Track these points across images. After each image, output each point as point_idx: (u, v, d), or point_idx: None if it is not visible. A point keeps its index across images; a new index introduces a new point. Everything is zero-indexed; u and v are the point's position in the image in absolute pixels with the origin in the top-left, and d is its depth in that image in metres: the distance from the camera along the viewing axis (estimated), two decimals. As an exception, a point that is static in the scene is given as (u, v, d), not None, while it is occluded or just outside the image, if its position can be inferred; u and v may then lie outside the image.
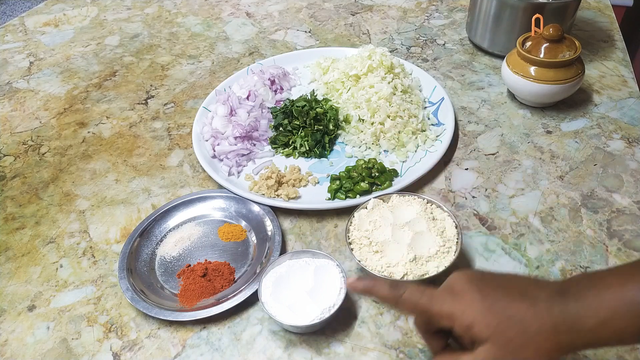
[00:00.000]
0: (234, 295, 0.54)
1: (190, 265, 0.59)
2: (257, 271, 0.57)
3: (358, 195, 0.64)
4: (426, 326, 0.41)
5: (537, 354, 0.34)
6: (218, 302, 0.54)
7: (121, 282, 0.56)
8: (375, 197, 0.60)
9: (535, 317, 0.34)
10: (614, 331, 0.33)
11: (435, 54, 0.95)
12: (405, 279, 0.52)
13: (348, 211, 0.62)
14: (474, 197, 0.66)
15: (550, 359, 0.35)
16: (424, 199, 0.59)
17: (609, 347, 0.40)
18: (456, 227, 0.56)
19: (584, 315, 0.33)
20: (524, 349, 0.34)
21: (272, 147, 0.76)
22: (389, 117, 0.74)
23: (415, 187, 0.67)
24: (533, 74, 0.74)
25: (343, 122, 0.77)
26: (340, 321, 0.53)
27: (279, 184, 0.67)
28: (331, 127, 0.75)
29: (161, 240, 0.62)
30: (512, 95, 0.82)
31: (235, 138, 0.74)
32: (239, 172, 0.71)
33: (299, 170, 0.71)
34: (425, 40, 1.00)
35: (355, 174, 0.66)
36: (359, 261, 0.53)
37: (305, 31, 1.06)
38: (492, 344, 0.35)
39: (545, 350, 0.34)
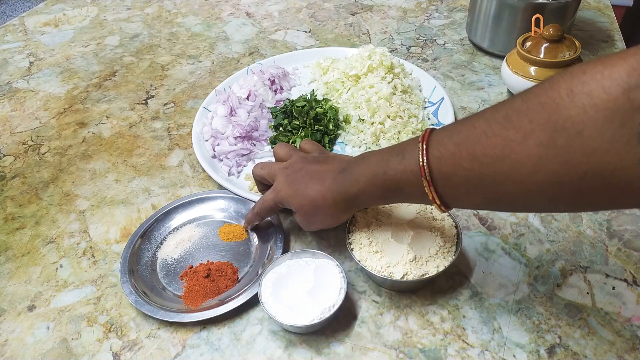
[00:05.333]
0: (239, 295, 0.54)
1: (192, 267, 0.59)
2: (260, 271, 0.57)
3: (358, 195, 0.64)
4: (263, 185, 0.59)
5: (327, 217, 0.51)
6: (223, 302, 0.54)
7: (124, 285, 0.56)
8: (375, 197, 0.60)
9: (322, 196, 0.49)
10: (369, 195, 0.47)
11: (435, 54, 0.95)
12: (405, 279, 0.52)
13: (348, 211, 0.62)
14: (474, 197, 0.66)
15: (337, 219, 0.52)
16: (424, 199, 0.59)
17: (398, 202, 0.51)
18: (456, 227, 0.56)
19: (350, 187, 0.48)
20: (318, 215, 0.51)
21: (272, 147, 0.76)
22: (389, 117, 0.74)
23: (415, 187, 0.67)
24: (533, 74, 0.74)
25: (343, 122, 0.77)
26: (340, 321, 0.53)
27: (279, 184, 0.67)
28: (331, 127, 0.75)
29: (161, 243, 0.62)
30: (512, 95, 0.82)
31: (235, 138, 0.74)
32: (239, 172, 0.71)
33: (299, 170, 0.70)
34: (425, 40, 1.00)
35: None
36: (359, 261, 0.53)
37: (305, 31, 1.06)
38: (299, 214, 0.52)
39: (331, 214, 0.51)
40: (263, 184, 0.58)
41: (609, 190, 0.33)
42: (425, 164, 0.41)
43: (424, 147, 0.41)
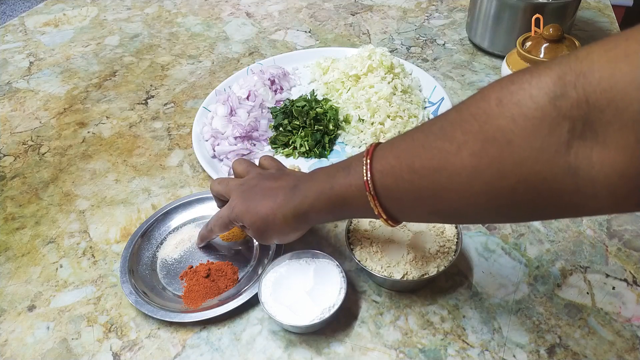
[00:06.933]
0: (239, 295, 0.54)
1: (192, 267, 0.59)
2: (260, 271, 0.57)
3: (358, 195, 0.64)
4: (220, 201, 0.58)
5: (279, 234, 0.50)
6: (223, 302, 0.54)
7: (124, 285, 0.56)
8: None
9: (273, 213, 0.49)
10: (317, 211, 0.46)
11: (435, 54, 0.95)
12: (405, 279, 0.52)
13: (348, 211, 0.62)
14: (474, 197, 0.66)
15: (289, 235, 0.51)
16: (424, 199, 0.59)
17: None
18: (456, 227, 0.56)
19: (300, 203, 0.47)
20: (270, 231, 0.50)
21: (272, 147, 0.76)
22: (389, 117, 0.74)
23: (415, 187, 0.67)
24: (533, 74, 0.74)
25: (343, 122, 0.77)
26: (340, 321, 0.53)
27: (279, 184, 0.67)
28: (331, 127, 0.75)
29: (161, 243, 0.62)
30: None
31: (235, 138, 0.74)
32: (239, 172, 0.71)
33: (299, 170, 0.70)
34: (425, 40, 1.00)
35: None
36: (359, 261, 0.54)
37: (305, 31, 1.06)
38: (251, 230, 0.51)
39: (282, 231, 0.50)
40: (220, 200, 0.57)
41: (542, 200, 0.33)
42: (369, 178, 0.41)
43: (368, 161, 0.41)
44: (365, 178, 0.41)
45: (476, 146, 0.34)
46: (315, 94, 0.83)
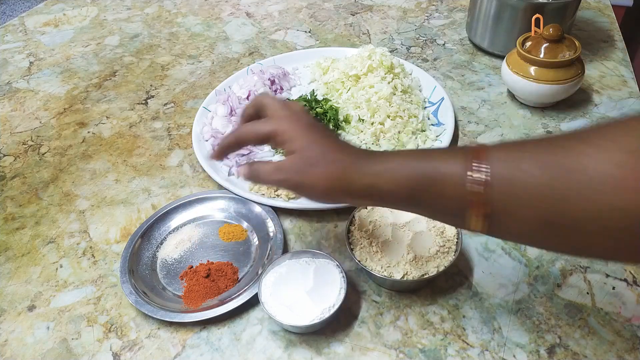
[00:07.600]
0: (239, 295, 0.54)
1: (192, 267, 0.59)
2: (260, 271, 0.57)
3: (358, 195, 0.64)
4: (250, 117, 0.50)
5: (324, 175, 0.42)
6: (223, 302, 0.54)
7: (124, 285, 0.56)
8: (375, 197, 0.60)
9: (335, 153, 0.42)
10: (379, 190, 0.40)
11: (435, 54, 0.95)
12: (405, 279, 0.52)
13: (348, 211, 0.62)
14: (474, 197, 0.66)
15: (330, 187, 0.42)
16: (424, 199, 0.59)
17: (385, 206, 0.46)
18: (456, 227, 0.56)
19: (367, 171, 0.41)
20: (316, 166, 0.42)
21: (272, 147, 0.76)
22: (389, 117, 0.74)
23: (415, 187, 0.67)
24: (533, 74, 0.74)
25: (343, 122, 0.77)
26: (340, 321, 0.53)
27: (279, 184, 0.67)
28: (331, 127, 0.75)
29: (161, 243, 0.62)
30: (512, 95, 0.82)
31: (235, 138, 0.74)
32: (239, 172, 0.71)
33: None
34: (425, 40, 1.00)
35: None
36: (359, 261, 0.54)
37: (305, 31, 1.06)
38: (296, 156, 0.43)
39: (329, 177, 0.42)
40: (249, 116, 0.50)
41: None
42: (484, 164, 0.35)
43: (479, 147, 0.37)
44: (484, 177, 0.35)
45: (629, 158, 0.30)
46: (315, 94, 0.83)
